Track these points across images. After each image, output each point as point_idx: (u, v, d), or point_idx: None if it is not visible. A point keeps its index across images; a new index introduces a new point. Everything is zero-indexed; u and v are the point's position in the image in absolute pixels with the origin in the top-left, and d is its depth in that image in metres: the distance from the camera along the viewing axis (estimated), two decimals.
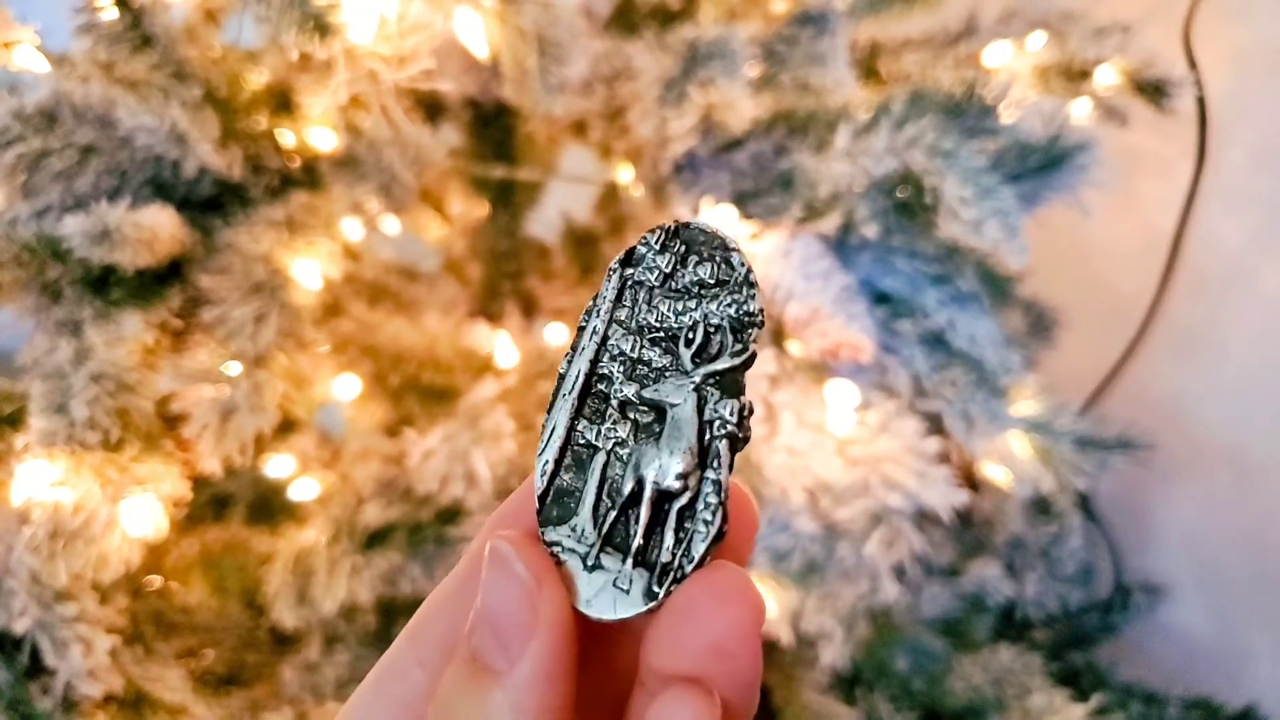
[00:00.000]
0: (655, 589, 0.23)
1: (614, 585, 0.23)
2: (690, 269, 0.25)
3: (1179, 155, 1.02)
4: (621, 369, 0.25)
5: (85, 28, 0.60)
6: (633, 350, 0.25)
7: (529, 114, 0.77)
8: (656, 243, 0.26)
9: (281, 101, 0.66)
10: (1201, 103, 1.00)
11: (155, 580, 0.68)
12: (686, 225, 0.26)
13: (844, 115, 0.65)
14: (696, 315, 0.25)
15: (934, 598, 0.80)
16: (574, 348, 0.26)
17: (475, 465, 0.63)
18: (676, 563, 0.23)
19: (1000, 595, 0.83)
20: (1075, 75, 0.79)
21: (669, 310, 0.25)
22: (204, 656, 0.67)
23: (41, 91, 0.57)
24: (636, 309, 0.26)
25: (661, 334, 0.25)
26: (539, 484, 0.25)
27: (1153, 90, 0.78)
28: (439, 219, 0.90)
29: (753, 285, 0.25)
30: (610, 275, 0.26)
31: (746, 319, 0.25)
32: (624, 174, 0.80)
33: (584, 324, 0.26)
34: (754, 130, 0.68)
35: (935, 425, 0.68)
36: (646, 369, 0.25)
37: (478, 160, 0.83)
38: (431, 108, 0.79)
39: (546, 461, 0.25)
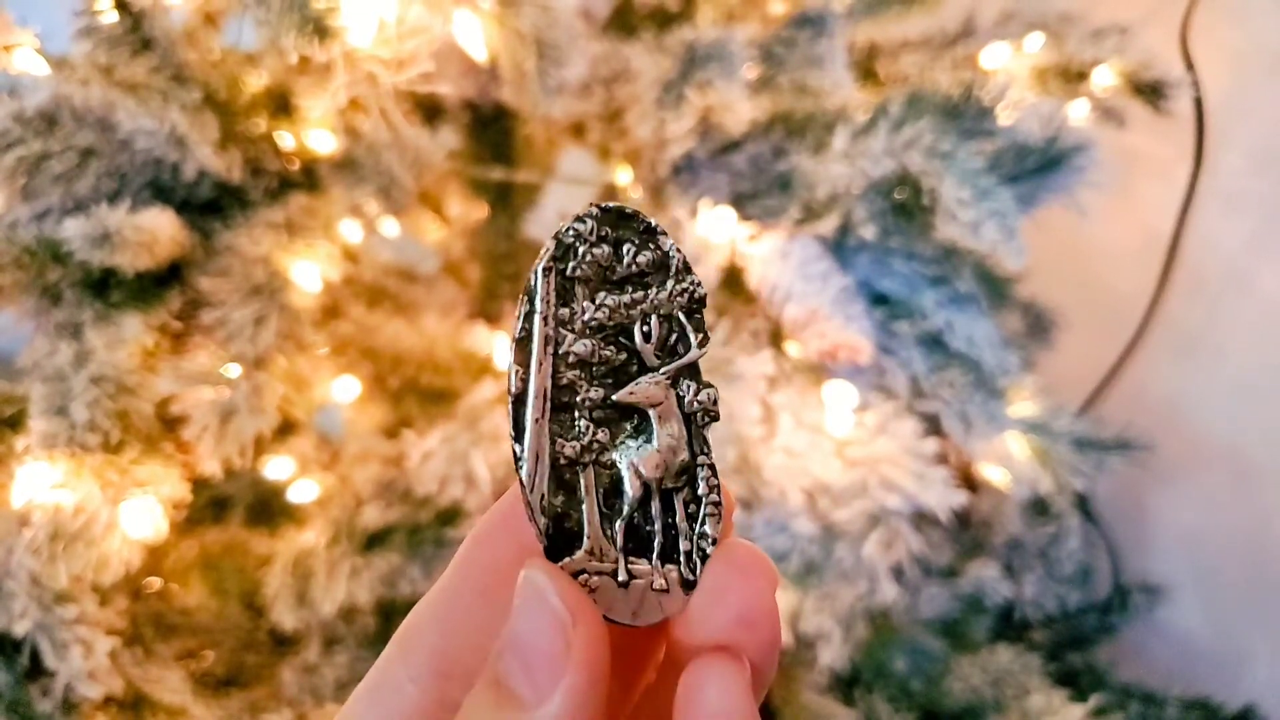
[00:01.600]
0: (690, 578, 0.24)
1: (651, 589, 0.23)
2: (630, 257, 0.24)
3: (1176, 157, 1.02)
4: (583, 374, 0.24)
5: (85, 31, 0.60)
6: (591, 355, 0.24)
7: (527, 116, 0.77)
8: (591, 233, 0.24)
9: (281, 104, 0.66)
10: (1199, 104, 1.00)
11: (155, 582, 0.68)
12: (607, 209, 0.24)
13: (842, 117, 0.65)
14: (645, 306, 0.25)
15: (932, 598, 0.80)
16: (521, 362, 0.24)
17: (474, 467, 0.64)
18: (696, 547, 0.24)
19: (999, 596, 0.83)
20: (1073, 77, 0.79)
21: (616, 304, 0.24)
22: (203, 658, 0.68)
23: (41, 94, 0.57)
24: (579, 307, 0.24)
25: (611, 330, 0.25)
26: (540, 520, 0.23)
27: (1150, 92, 0.78)
28: (438, 221, 0.90)
29: (689, 268, 0.25)
30: (545, 275, 0.24)
31: (697, 305, 0.25)
32: (622, 176, 0.80)
33: (524, 334, 0.24)
34: (752, 132, 0.68)
35: (933, 426, 0.68)
36: (606, 368, 0.24)
37: (476, 162, 0.83)
38: (430, 110, 0.79)
39: (542, 495, 0.23)
